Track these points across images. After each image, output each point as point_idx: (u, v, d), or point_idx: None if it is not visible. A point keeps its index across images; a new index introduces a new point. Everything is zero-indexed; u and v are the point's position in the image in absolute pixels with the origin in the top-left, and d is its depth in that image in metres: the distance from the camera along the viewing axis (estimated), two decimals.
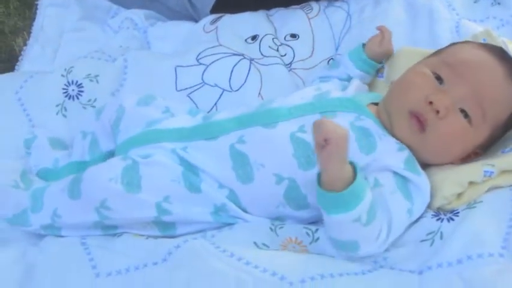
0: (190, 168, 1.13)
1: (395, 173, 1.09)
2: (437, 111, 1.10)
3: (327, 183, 1.00)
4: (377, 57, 1.36)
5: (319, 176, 1.02)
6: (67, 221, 1.12)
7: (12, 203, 1.15)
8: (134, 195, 1.09)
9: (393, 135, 1.14)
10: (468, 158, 1.17)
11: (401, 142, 1.14)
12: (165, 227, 1.13)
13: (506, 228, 1.03)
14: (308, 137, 1.10)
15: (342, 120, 1.11)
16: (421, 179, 1.10)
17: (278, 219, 1.14)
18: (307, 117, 1.14)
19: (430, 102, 1.11)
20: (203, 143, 1.15)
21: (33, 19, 1.81)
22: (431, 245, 1.06)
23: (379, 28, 1.38)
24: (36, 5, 1.85)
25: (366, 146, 1.11)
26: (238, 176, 1.12)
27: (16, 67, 1.66)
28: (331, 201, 1.00)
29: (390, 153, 1.10)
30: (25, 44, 1.71)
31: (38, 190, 1.16)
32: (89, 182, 1.10)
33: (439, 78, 1.15)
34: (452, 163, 1.17)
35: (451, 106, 1.11)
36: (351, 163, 1.01)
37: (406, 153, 1.12)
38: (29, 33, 1.74)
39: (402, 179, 1.10)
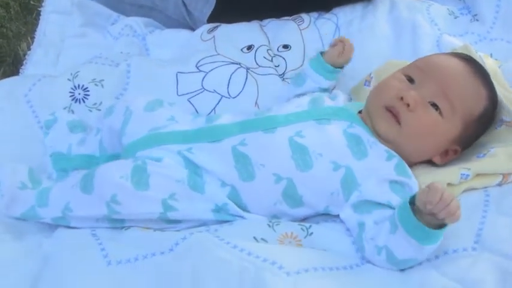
0: (195, 170, 1.21)
1: (391, 181, 1.20)
2: (408, 105, 1.23)
3: (427, 222, 1.08)
4: (337, 65, 1.44)
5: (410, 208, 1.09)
6: (78, 214, 1.19)
7: (19, 203, 1.22)
8: (143, 192, 1.17)
9: (376, 134, 1.26)
10: (448, 154, 1.29)
11: (383, 137, 1.25)
12: (169, 221, 1.21)
13: (479, 225, 1.15)
14: (305, 141, 1.21)
15: (336, 127, 1.24)
16: (412, 181, 1.21)
17: (274, 217, 1.23)
18: (304, 123, 1.25)
19: (401, 98, 1.24)
20: (207, 145, 1.24)
21: (35, 24, 1.89)
22: None
23: (341, 40, 1.45)
24: (38, 10, 1.92)
25: (358, 152, 1.22)
26: (241, 174, 1.21)
27: (20, 70, 1.72)
28: (432, 236, 1.08)
29: (381, 162, 1.21)
30: (29, 49, 1.77)
31: (45, 190, 1.24)
32: (101, 177, 1.17)
33: (410, 80, 1.29)
34: (433, 160, 1.28)
35: (420, 100, 1.24)
36: None
37: (396, 160, 1.23)
38: (32, 38, 1.80)
39: (399, 185, 1.20)
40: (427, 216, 1.08)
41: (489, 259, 1.08)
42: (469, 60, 1.33)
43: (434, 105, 1.26)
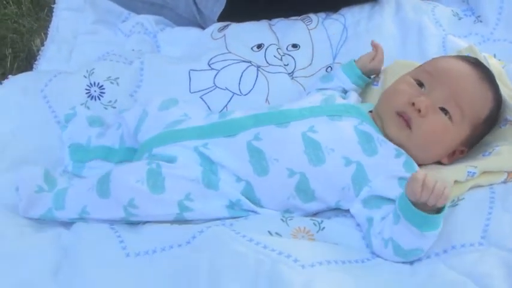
0: (209, 167, 1.25)
1: (399, 178, 1.23)
2: (419, 110, 1.27)
3: (424, 208, 1.13)
4: (367, 72, 1.50)
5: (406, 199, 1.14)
6: (95, 217, 1.23)
7: (37, 206, 1.25)
8: (159, 195, 1.20)
9: (386, 136, 1.29)
10: (454, 155, 1.34)
11: (393, 141, 1.28)
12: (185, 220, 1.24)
13: (485, 221, 1.19)
14: (318, 136, 1.25)
15: (347, 124, 1.28)
16: None
17: (287, 211, 1.27)
18: (316, 118, 1.29)
19: (413, 104, 1.28)
20: (223, 140, 1.27)
21: (47, 20, 1.92)
22: None
23: (374, 44, 1.51)
24: (50, 7, 1.95)
25: (369, 149, 1.26)
26: (255, 169, 1.24)
27: (34, 66, 1.75)
28: (431, 221, 1.13)
29: (390, 159, 1.25)
30: (42, 45, 1.80)
31: (60, 192, 1.26)
32: (117, 182, 1.21)
33: (420, 84, 1.32)
34: (441, 160, 1.32)
35: (430, 106, 1.27)
36: None
37: (404, 157, 1.27)
38: (46, 33, 1.83)
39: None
40: (422, 203, 1.12)
41: (496, 254, 1.12)
42: (476, 64, 1.37)
43: (444, 110, 1.29)
